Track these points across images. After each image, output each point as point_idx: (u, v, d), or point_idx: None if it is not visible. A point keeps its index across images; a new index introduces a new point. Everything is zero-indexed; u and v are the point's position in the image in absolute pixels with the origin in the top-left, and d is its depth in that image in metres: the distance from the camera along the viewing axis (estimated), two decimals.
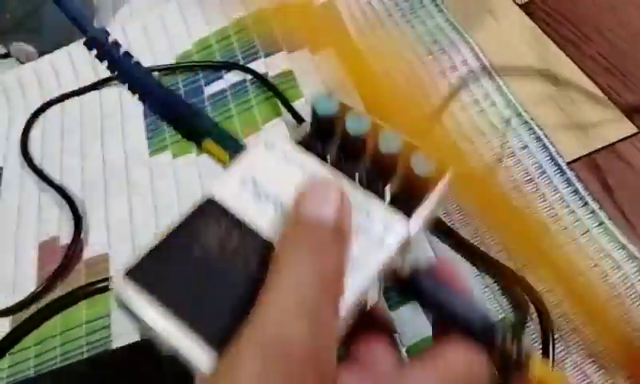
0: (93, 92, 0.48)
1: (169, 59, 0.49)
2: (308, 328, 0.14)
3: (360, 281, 0.18)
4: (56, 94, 0.48)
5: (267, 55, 0.46)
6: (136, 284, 0.18)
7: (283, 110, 0.42)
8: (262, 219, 0.19)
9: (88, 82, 0.48)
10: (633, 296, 0.31)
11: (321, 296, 0.15)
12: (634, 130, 0.37)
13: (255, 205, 0.20)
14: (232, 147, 0.23)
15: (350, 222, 0.17)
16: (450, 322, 0.20)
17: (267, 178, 0.20)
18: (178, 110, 0.23)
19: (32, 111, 0.47)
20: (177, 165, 0.41)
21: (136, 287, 0.18)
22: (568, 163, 0.36)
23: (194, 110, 0.23)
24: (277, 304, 0.14)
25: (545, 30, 0.43)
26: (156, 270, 0.18)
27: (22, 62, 0.54)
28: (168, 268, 0.18)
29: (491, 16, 0.45)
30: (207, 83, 0.46)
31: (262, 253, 0.18)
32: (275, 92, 0.43)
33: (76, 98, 0.48)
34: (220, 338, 0.16)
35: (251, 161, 0.21)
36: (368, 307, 0.19)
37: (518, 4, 0.45)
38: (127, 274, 0.18)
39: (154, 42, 0.51)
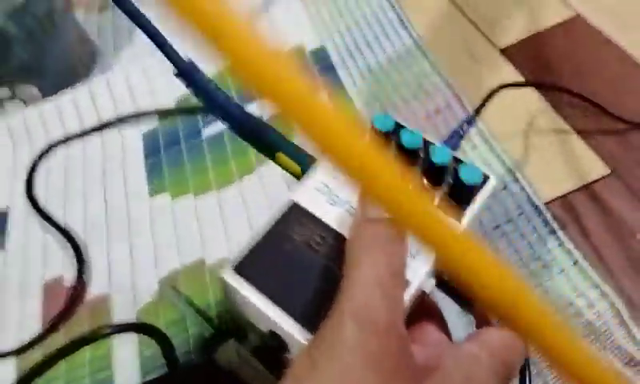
0: (95, 133, 0.50)
1: (169, 101, 0.51)
2: (387, 305, 0.17)
3: (418, 272, 0.22)
4: (60, 136, 0.50)
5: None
6: (243, 276, 0.22)
7: None
8: (337, 219, 0.23)
9: (91, 125, 0.51)
10: (606, 333, 0.33)
11: (394, 281, 0.18)
12: (608, 170, 0.39)
13: (330, 207, 0.24)
14: (303, 160, 0.26)
15: None
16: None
17: (338, 184, 0.24)
18: (254, 127, 0.27)
19: (37, 153, 0.49)
20: (175, 205, 0.44)
21: (243, 279, 0.22)
22: (545, 204, 0.38)
23: (268, 127, 0.27)
24: (361, 287, 0.18)
25: (523, 73, 0.46)
26: (257, 265, 0.22)
27: (27, 104, 0.56)
28: (266, 263, 0.22)
29: (472, 60, 0.48)
30: (205, 125, 0.49)
31: (340, 247, 0.22)
32: None
33: (79, 139, 0.50)
34: (309, 319, 0.20)
35: (323, 170, 0.25)
36: (426, 294, 0.22)
37: (499, 49, 0.48)
38: (235, 269, 0.22)
39: (155, 84, 0.53)
